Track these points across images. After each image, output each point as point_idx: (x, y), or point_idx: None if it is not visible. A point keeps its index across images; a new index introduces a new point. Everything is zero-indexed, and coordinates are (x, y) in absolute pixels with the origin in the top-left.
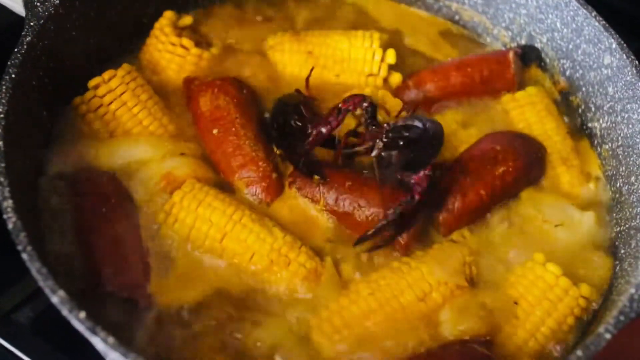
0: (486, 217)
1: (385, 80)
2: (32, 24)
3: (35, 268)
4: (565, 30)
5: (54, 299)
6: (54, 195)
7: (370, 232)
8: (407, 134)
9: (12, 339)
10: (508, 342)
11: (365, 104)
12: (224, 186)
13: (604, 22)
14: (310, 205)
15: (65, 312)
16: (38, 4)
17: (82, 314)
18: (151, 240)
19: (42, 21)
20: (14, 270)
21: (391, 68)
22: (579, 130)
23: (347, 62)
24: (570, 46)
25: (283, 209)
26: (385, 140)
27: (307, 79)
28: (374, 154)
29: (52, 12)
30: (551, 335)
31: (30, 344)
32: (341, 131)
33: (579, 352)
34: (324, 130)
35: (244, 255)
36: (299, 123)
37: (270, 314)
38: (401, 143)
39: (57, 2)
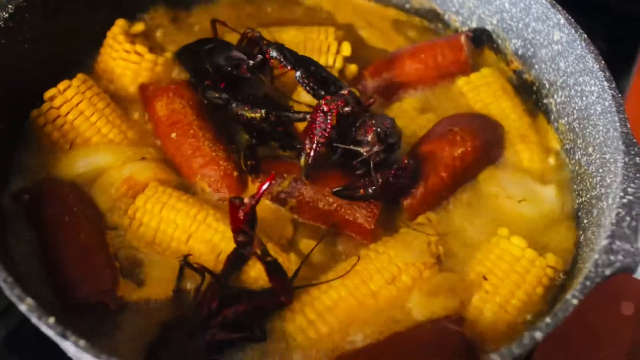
0: (450, 198)
1: (341, 72)
2: None
3: (1, 278)
4: (513, 10)
5: (22, 307)
6: (16, 209)
7: (355, 185)
8: (393, 138)
9: None
10: (480, 317)
11: (347, 108)
12: (187, 188)
13: None
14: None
15: (34, 319)
16: None
17: (52, 319)
18: (117, 246)
19: None
20: None
21: (347, 61)
22: (535, 107)
23: None
24: (520, 25)
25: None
26: (383, 146)
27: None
28: (372, 158)
29: (2, 25)
30: (522, 306)
31: None
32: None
33: (548, 320)
34: (321, 139)
35: (211, 255)
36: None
37: None
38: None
39: (6, 15)
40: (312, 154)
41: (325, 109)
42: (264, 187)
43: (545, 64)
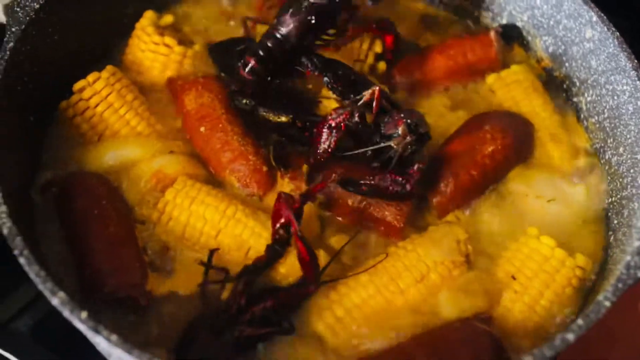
0: (480, 197)
1: (372, 67)
2: (13, 29)
3: (33, 271)
4: (545, 6)
5: (54, 301)
6: (45, 200)
7: (354, 181)
8: (423, 128)
9: (12, 348)
10: (508, 317)
11: (355, 118)
12: (216, 182)
13: None
14: None
15: (66, 313)
16: (18, 9)
17: (84, 314)
18: (146, 240)
19: (24, 26)
20: (10, 279)
21: (377, 58)
22: (565, 105)
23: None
24: (551, 22)
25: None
26: (414, 136)
27: None
28: (401, 151)
29: (33, 16)
30: (551, 307)
31: (31, 352)
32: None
33: (580, 321)
34: (325, 153)
35: (240, 251)
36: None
37: None
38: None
39: (37, 6)
40: (313, 164)
41: (333, 124)
42: (320, 187)
43: (576, 62)
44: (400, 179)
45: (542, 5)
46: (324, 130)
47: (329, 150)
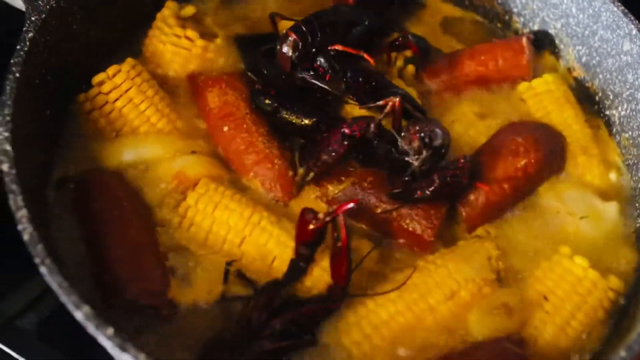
0: (510, 211)
1: (401, 71)
2: (33, 18)
3: (56, 282)
4: (581, 15)
5: (78, 315)
6: (60, 198)
7: (412, 187)
8: (438, 140)
9: (17, 346)
10: (539, 339)
11: (371, 130)
12: (238, 183)
13: (622, 7)
14: None
15: (91, 329)
16: None
17: (110, 331)
18: (167, 244)
19: (44, 15)
20: (16, 275)
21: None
22: (597, 118)
23: None
24: (587, 32)
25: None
26: (430, 150)
27: None
28: (417, 165)
29: (54, 5)
30: (582, 329)
31: (36, 351)
32: None
33: (623, 353)
34: (329, 159)
35: (264, 260)
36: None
37: None
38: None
39: None
40: (313, 170)
41: (347, 131)
42: (345, 208)
43: (611, 75)
44: (456, 172)
45: (578, 14)
46: (336, 135)
47: (334, 157)
